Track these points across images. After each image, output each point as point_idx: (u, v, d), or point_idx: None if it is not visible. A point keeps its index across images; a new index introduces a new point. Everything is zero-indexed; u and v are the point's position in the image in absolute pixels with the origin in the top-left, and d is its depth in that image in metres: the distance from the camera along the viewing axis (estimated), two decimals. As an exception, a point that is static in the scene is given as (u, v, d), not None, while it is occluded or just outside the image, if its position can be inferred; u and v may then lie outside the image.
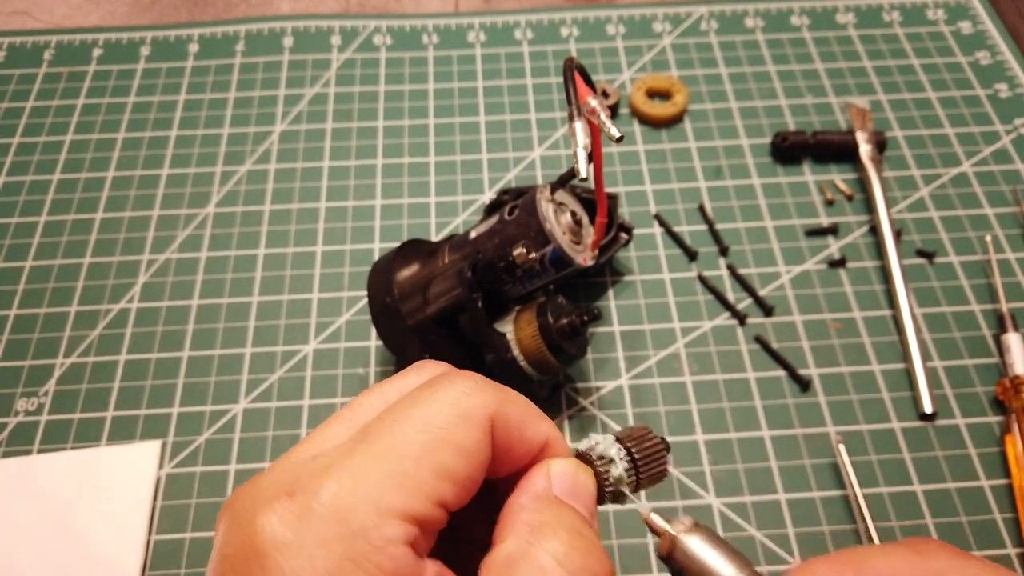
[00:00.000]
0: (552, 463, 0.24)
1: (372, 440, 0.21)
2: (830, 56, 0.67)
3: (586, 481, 0.24)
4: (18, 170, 0.61)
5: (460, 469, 0.21)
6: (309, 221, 0.58)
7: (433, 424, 0.21)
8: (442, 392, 0.22)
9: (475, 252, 0.45)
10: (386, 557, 0.19)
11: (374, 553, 0.19)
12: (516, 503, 0.23)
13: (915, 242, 0.56)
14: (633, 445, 0.25)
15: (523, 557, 0.21)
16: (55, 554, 0.44)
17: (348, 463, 0.21)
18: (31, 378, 0.51)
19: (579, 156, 0.40)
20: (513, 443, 0.23)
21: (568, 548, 0.21)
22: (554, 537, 0.21)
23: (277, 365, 0.51)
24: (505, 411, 0.23)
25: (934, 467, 0.46)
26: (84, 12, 0.74)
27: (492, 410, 0.22)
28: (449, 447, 0.21)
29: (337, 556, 0.19)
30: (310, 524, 0.20)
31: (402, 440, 0.21)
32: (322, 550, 0.19)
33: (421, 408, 0.22)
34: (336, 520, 0.20)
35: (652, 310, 0.53)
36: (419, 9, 0.74)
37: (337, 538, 0.19)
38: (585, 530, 0.22)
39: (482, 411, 0.22)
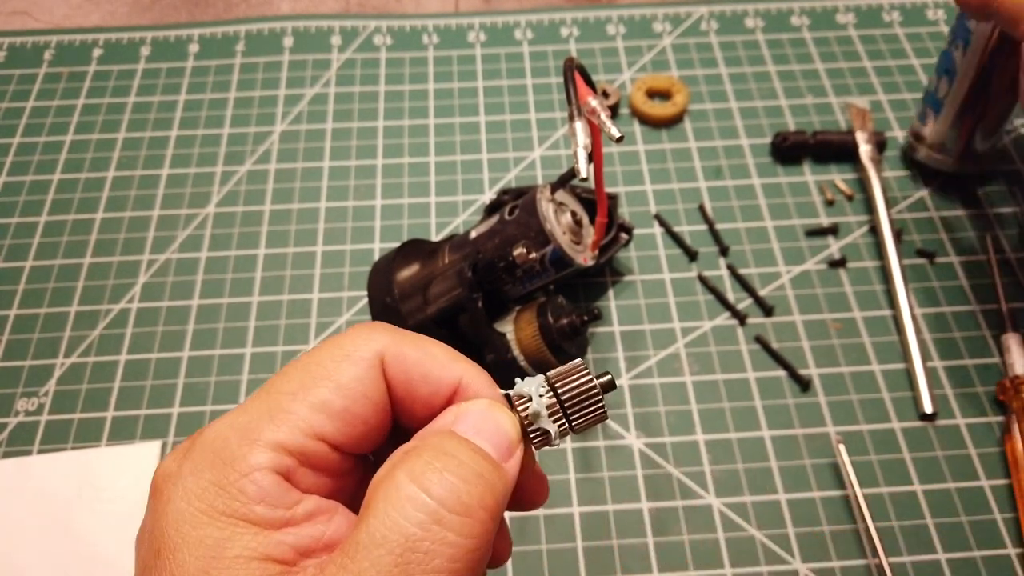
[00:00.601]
0: (463, 404, 0.23)
1: (261, 388, 0.23)
2: (830, 56, 0.67)
3: (498, 419, 0.23)
4: (18, 170, 0.61)
5: (338, 403, 0.22)
6: (309, 221, 0.58)
7: (313, 362, 0.22)
8: (330, 339, 0.23)
9: (475, 252, 0.45)
10: (250, 482, 0.20)
11: (239, 479, 0.20)
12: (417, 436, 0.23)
13: (915, 242, 0.56)
14: (559, 383, 0.23)
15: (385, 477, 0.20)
16: (55, 554, 0.44)
17: (240, 408, 0.22)
18: (31, 378, 0.51)
19: (579, 156, 0.40)
20: (414, 381, 0.23)
21: (425, 465, 0.20)
22: (416, 458, 0.21)
23: (277, 365, 0.51)
24: (400, 351, 0.23)
25: (934, 467, 0.46)
26: (84, 12, 0.74)
27: (379, 348, 0.23)
28: (327, 383, 0.22)
29: (206, 482, 0.20)
30: (191, 456, 0.21)
31: (284, 380, 0.22)
32: (193, 476, 0.21)
33: (310, 355, 0.23)
34: (211, 451, 0.21)
35: (652, 310, 0.53)
36: (419, 9, 0.74)
37: (208, 466, 0.21)
38: (459, 452, 0.21)
39: (364, 350, 0.23)
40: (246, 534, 0.20)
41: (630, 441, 0.48)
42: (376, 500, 0.20)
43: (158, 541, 0.20)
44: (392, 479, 0.20)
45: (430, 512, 0.19)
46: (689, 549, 0.44)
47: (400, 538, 0.19)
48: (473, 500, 0.20)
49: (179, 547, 0.20)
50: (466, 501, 0.20)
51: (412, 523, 0.19)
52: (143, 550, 0.21)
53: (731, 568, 0.43)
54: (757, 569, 0.43)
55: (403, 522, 0.19)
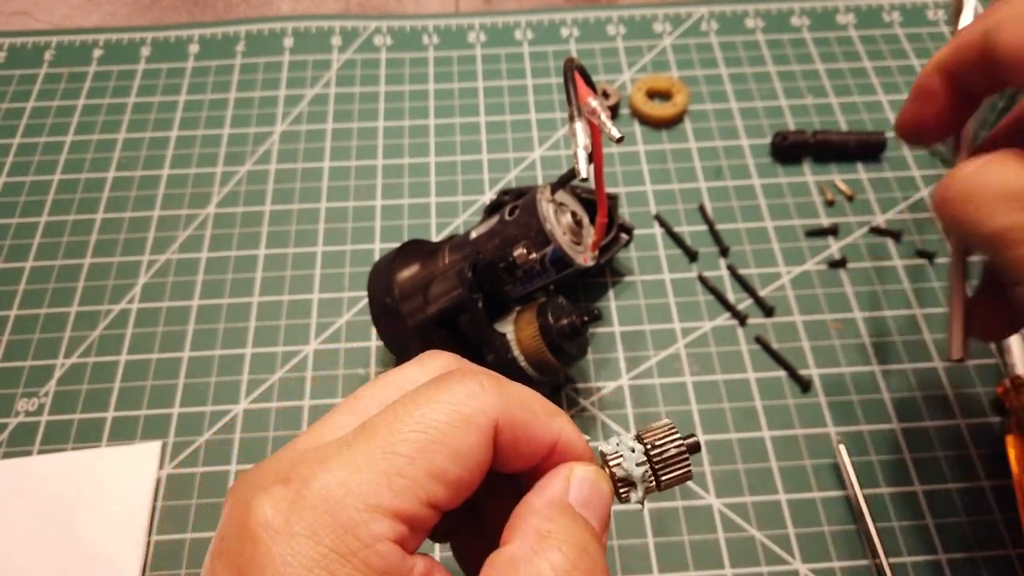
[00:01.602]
0: (575, 468, 0.24)
1: (370, 435, 0.21)
2: (830, 56, 0.67)
3: (603, 489, 0.24)
4: (18, 171, 0.61)
5: (453, 472, 0.21)
6: (309, 222, 0.58)
7: (432, 425, 0.21)
8: (445, 392, 0.22)
9: (475, 252, 0.45)
10: (374, 554, 0.20)
11: (362, 549, 0.20)
12: (529, 505, 0.23)
13: (915, 242, 0.56)
14: (651, 444, 0.24)
15: (524, 562, 0.21)
16: (55, 555, 0.44)
17: (344, 455, 0.21)
18: (31, 379, 0.51)
19: (579, 156, 0.40)
20: (520, 444, 0.23)
21: (571, 565, 0.21)
22: (558, 550, 0.21)
23: (277, 366, 0.51)
24: (511, 415, 0.23)
25: (935, 467, 0.46)
26: (84, 12, 0.74)
27: (495, 414, 0.22)
28: (445, 450, 0.21)
29: (326, 548, 0.20)
30: (300, 513, 0.20)
31: (399, 438, 0.21)
32: (311, 540, 0.20)
33: (422, 407, 0.22)
34: (326, 511, 0.20)
35: (652, 310, 0.53)
36: (419, 10, 0.74)
37: (327, 530, 0.20)
38: (592, 547, 0.22)
39: (484, 416, 0.22)
40: None
41: (630, 441, 0.48)
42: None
43: None
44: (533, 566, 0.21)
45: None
46: (689, 549, 0.44)
47: None
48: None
49: None
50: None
51: None
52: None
53: (731, 568, 0.43)
54: (757, 569, 0.43)
55: None
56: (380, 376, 0.25)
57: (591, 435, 0.48)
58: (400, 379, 0.24)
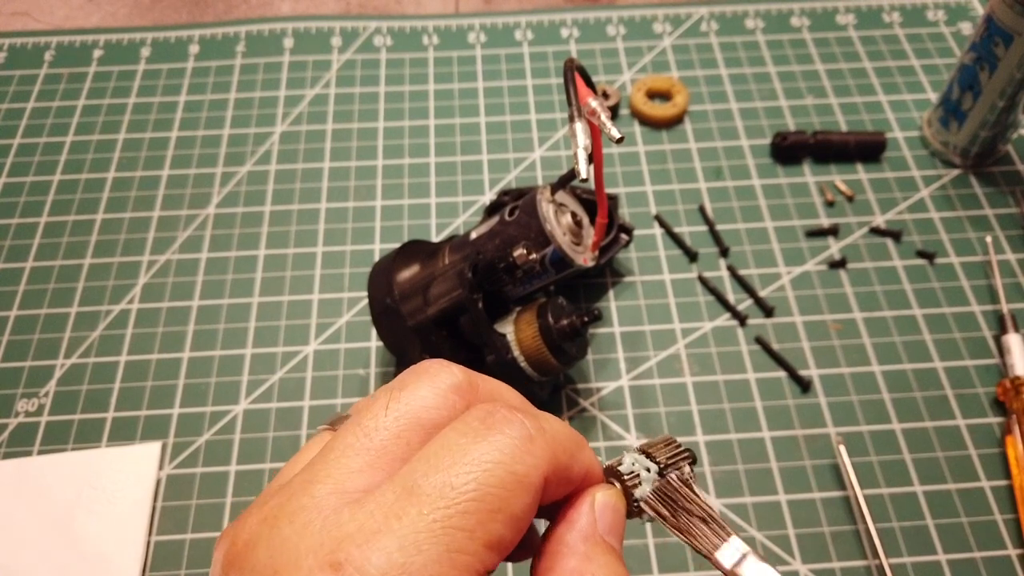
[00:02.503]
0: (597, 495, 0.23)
1: (420, 504, 0.20)
2: (830, 57, 0.67)
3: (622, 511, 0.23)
4: (19, 171, 0.61)
5: (510, 538, 0.20)
6: (310, 222, 0.58)
7: (488, 493, 0.20)
8: (496, 450, 0.20)
9: (475, 253, 0.45)
10: None
11: None
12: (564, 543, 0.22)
13: (915, 243, 0.56)
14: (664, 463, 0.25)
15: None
16: (55, 555, 0.44)
17: (396, 530, 0.19)
18: (32, 379, 0.51)
19: (579, 157, 0.40)
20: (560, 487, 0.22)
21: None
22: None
23: (277, 366, 0.51)
24: (558, 465, 0.22)
25: (934, 468, 0.46)
26: (85, 13, 0.74)
27: (546, 470, 0.21)
28: (502, 517, 0.20)
29: None
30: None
31: (456, 510, 0.19)
32: None
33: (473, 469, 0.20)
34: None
35: (652, 311, 0.53)
36: (419, 10, 0.74)
37: None
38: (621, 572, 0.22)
39: (537, 473, 0.21)
40: None
41: (630, 442, 0.48)
42: None
43: None
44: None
45: None
46: (689, 550, 0.44)
47: None
48: None
49: None
50: None
51: None
52: None
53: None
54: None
55: None
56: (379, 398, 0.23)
57: (591, 435, 0.48)
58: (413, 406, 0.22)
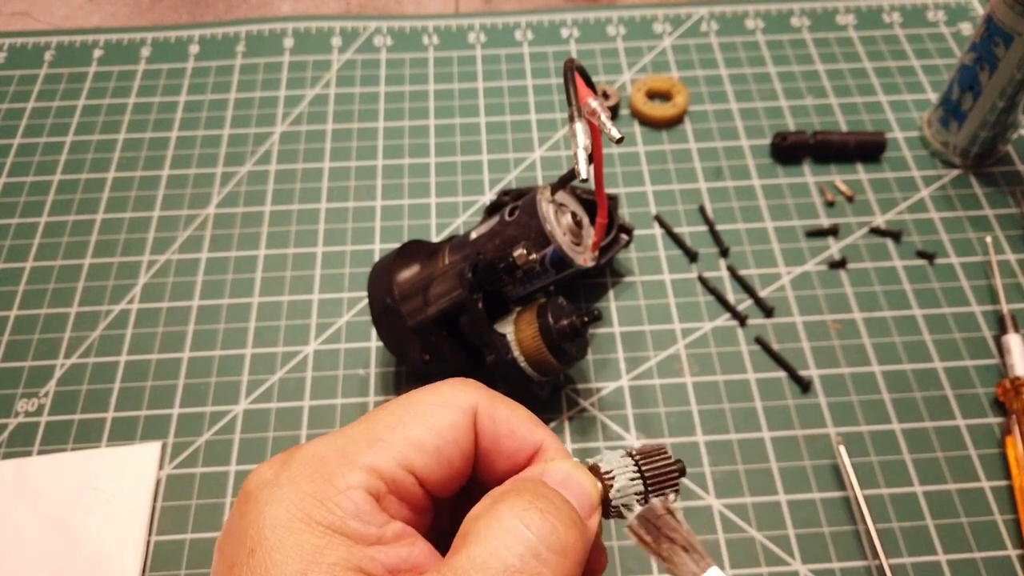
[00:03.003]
0: (549, 462, 0.25)
1: (360, 418, 0.24)
2: (830, 57, 0.67)
3: (582, 480, 0.24)
4: (19, 171, 0.61)
5: (430, 441, 0.23)
6: (310, 222, 0.58)
7: (412, 405, 0.24)
8: (432, 387, 0.25)
9: (475, 253, 0.45)
10: (346, 498, 0.21)
11: (336, 494, 0.21)
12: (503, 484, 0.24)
13: (915, 243, 0.56)
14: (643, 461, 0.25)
15: (484, 512, 0.22)
16: (55, 555, 0.44)
17: (335, 432, 0.24)
18: (31, 379, 0.51)
19: (579, 157, 0.40)
20: (501, 436, 0.25)
21: (528, 504, 0.21)
22: (517, 496, 0.22)
23: (277, 366, 0.51)
24: (492, 405, 0.25)
25: (934, 468, 0.46)
26: (85, 13, 0.74)
27: (474, 400, 0.24)
28: (422, 423, 0.23)
29: (304, 492, 0.21)
30: (288, 468, 0.22)
31: (382, 414, 0.24)
32: (291, 486, 0.22)
33: (409, 396, 0.25)
34: (311, 466, 0.22)
35: (652, 311, 0.53)
36: (419, 10, 0.74)
37: (307, 479, 0.22)
38: (554, 498, 0.22)
39: (461, 400, 0.24)
40: (341, 545, 0.21)
41: (630, 442, 0.48)
42: (477, 530, 0.21)
43: (252, 541, 0.21)
44: (494, 513, 0.21)
45: (530, 547, 0.21)
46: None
47: (500, 566, 0.20)
48: (569, 543, 0.21)
49: (276, 548, 0.21)
50: (563, 542, 0.21)
51: (513, 554, 0.20)
52: (230, 549, 0.22)
53: (731, 569, 0.43)
54: (757, 570, 0.43)
55: (504, 552, 0.20)
56: None
57: (591, 435, 0.48)
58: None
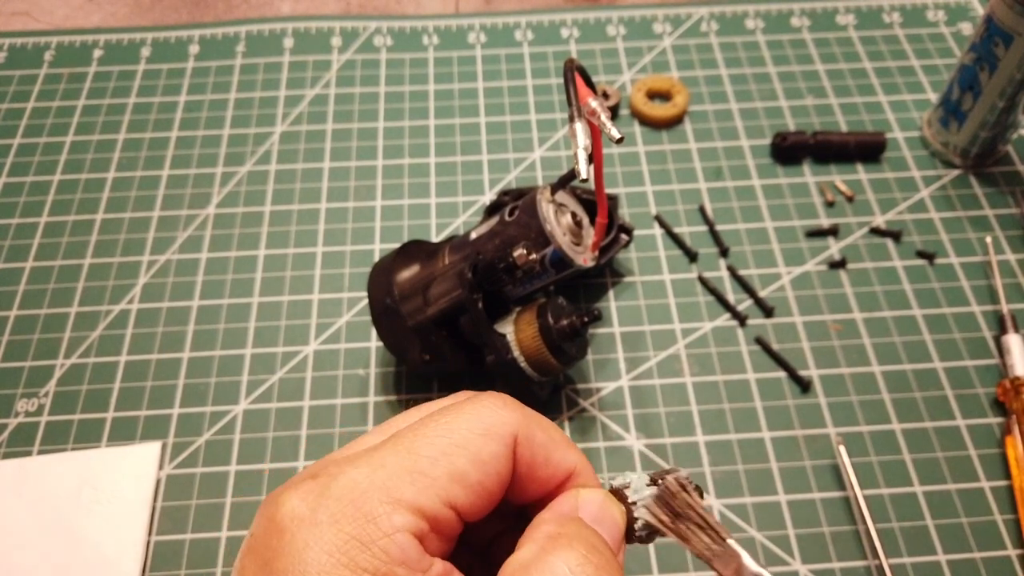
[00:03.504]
0: (582, 490, 0.24)
1: (396, 440, 0.23)
2: (830, 57, 0.67)
3: (614, 513, 0.24)
4: (19, 171, 0.61)
5: (474, 476, 0.22)
6: (309, 222, 0.58)
7: (455, 431, 0.23)
8: (468, 407, 0.24)
9: (475, 253, 0.45)
10: (393, 543, 0.20)
11: (382, 538, 0.20)
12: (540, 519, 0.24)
13: (915, 243, 0.56)
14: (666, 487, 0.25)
15: (536, 561, 0.21)
16: (55, 555, 0.44)
17: (371, 456, 0.22)
18: (31, 379, 0.51)
19: (579, 157, 0.40)
20: (537, 463, 0.24)
21: (582, 559, 0.21)
22: (569, 548, 0.21)
23: (277, 366, 0.51)
24: (530, 431, 0.24)
25: (934, 468, 0.46)
26: (85, 13, 0.74)
27: (515, 428, 0.23)
28: (466, 454, 0.22)
29: (346, 535, 0.20)
30: (326, 502, 0.21)
31: (423, 442, 0.22)
32: (333, 527, 0.20)
33: (447, 418, 0.23)
34: (349, 502, 0.21)
35: (652, 311, 0.53)
36: (419, 10, 0.74)
37: (348, 519, 0.21)
38: (603, 548, 0.22)
39: (504, 427, 0.23)
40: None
41: (630, 442, 0.48)
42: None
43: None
44: (549, 566, 0.21)
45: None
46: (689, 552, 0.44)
47: None
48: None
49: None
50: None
51: None
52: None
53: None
54: (757, 570, 0.43)
55: None
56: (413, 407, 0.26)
57: (591, 436, 0.48)
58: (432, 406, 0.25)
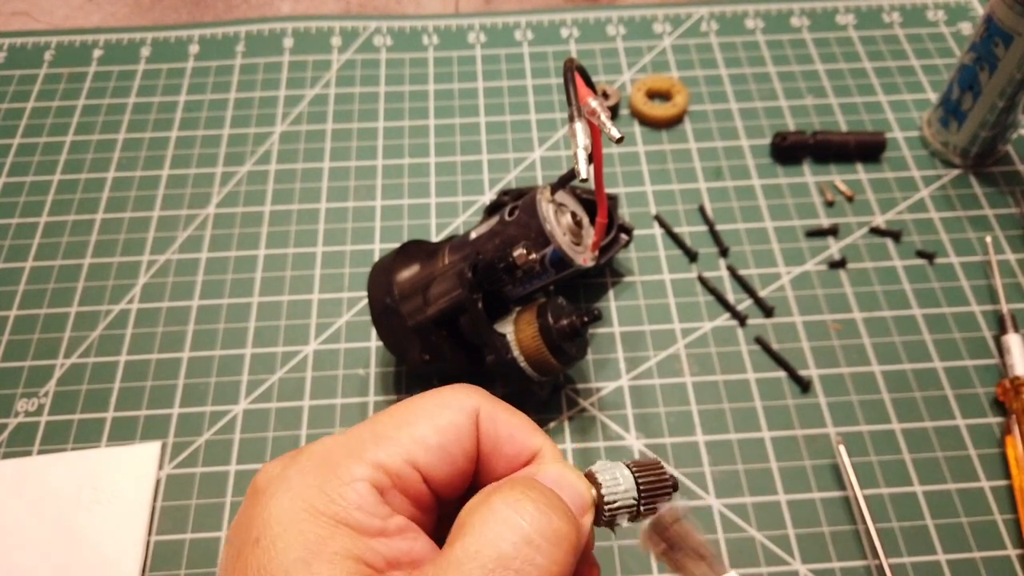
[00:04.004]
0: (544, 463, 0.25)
1: (367, 420, 0.25)
2: (830, 57, 0.67)
3: (575, 481, 0.24)
4: (18, 171, 0.61)
5: (433, 439, 0.24)
6: (309, 222, 0.58)
7: (416, 407, 0.25)
8: (434, 391, 0.26)
9: (475, 253, 0.45)
10: (351, 490, 0.22)
11: (340, 486, 0.22)
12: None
13: (915, 243, 0.56)
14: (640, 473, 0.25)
15: (478, 505, 0.22)
16: (55, 555, 0.44)
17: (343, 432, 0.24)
18: (31, 379, 0.51)
19: (579, 157, 0.40)
20: (502, 439, 0.25)
21: (520, 495, 0.22)
22: (511, 488, 0.22)
23: (277, 366, 0.51)
24: (493, 409, 0.25)
25: (934, 468, 0.46)
26: (85, 13, 0.74)
27: (476, 403, 0.25)
28: (427, 422, 0.24)
29: (309, 484, 0.22)
30: (296, 462, 0.23)
31: (387, 416, 0.25)
32: (299, 478, 0.22)
33: (412, 400, 0.25)
34: (317, 460, 0.23)
35: (652, 311, 0.53)
36: (419, 10, 0.74)
37: (313, 472, 0.23)
38: (548, 494, 0.22)
39: (463, 401, 0.25)
40: (343, 536, 0.21)
41: (630, 442, 0.48)
42: (471, 522, 0.21)
43: (257, 530, 0.22)
44: (488, 504, 0.22)
45: (523, 535, 0.21)
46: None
47: (494, 554, 0.21)
48: (562, 532, 0.22)
49: (280, 537, 0.21)
50: (556, 530, 0.22)
51: (506, 543, 0.21)
52: (239, 539, 0.22)
53: (731, 569, 0.43)
54: (757, 570, 0.43)
55: (498, 540, 0.21)
56: None
57: (591, 435, 0.48)
58: None
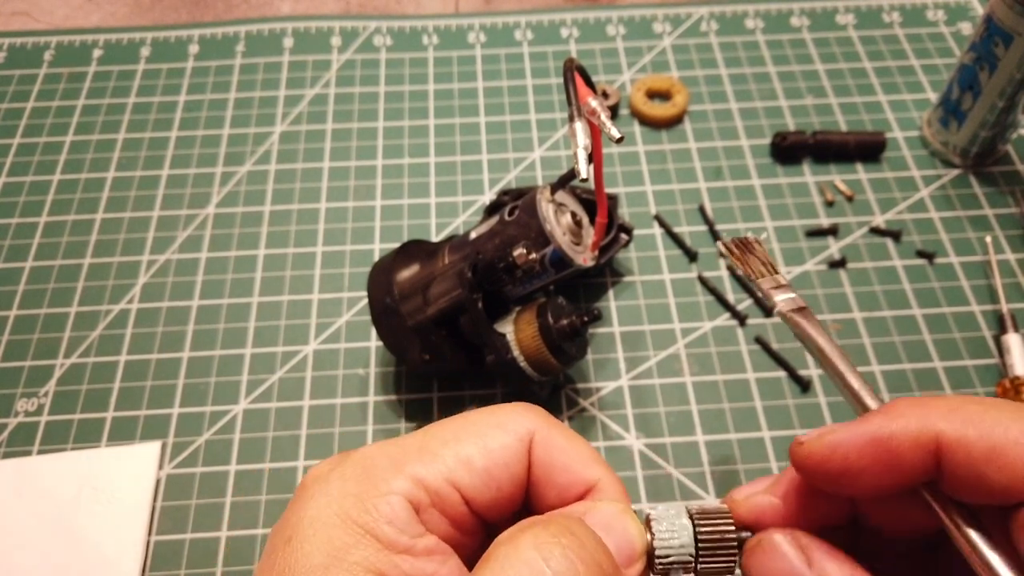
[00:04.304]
0: (600, 501, 0.24)
1: (419, 430, 0.24)
2: (830, 57, 0.67)
3: (628, 527, 0.23)
4: (18, 171, 0.61)
5: (480, 462, 0.23)
6: (309, 222, 0.58)
7: (469, 423, 0.24)
8: (491, 407, 0.25)
9: (475, 253, 0.45)
10: (385, 502, 0.22)
11: (377, 496, 0.22)
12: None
13: (915, 243, 0.56)
14: (702, 525, 0.23)
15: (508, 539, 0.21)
16: (55, 555, 0.44)
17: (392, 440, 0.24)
18: (31, 379, 0.51)
19: (579, 157, 0.40)
20: (556, 468, 0.24)
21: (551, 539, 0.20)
22: (544, 528, 0.21)
23: (277, 366, 0.51)
24: (550, 434, 0.24)
25: (934, 468, 0.46)
26: (85, 13, 0.74)
27: (531, 426, 0.24)
28: (476, 442, 0.23)
29: (347, 491, 0.22)
30: (342, 467, 0.23)
31: (438, 429, 0.24)
32: (339, 484, 0.22)
33: (467, 414, 0.25)
34: (360, 467, 0.23)
35: (652, 311, 0.53)
36: (419, 10, 0.74)
37: (355, 479, 0.22)
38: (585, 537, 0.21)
39: (518, 423, 0.24)
40: (368, 547, 0.21)
41: (630, 442, 0.48)
42: (495, 555, 0.20)
43: (291, 530, 0.22)
44: (515, 541, 0.21)
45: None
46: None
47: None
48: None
49: (308, 539, 0.21)
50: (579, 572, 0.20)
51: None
52: (276, 537, 0.22)
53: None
54: (757, 570, 0.43)
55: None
56: None
57: (591, 435, 0.48)
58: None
